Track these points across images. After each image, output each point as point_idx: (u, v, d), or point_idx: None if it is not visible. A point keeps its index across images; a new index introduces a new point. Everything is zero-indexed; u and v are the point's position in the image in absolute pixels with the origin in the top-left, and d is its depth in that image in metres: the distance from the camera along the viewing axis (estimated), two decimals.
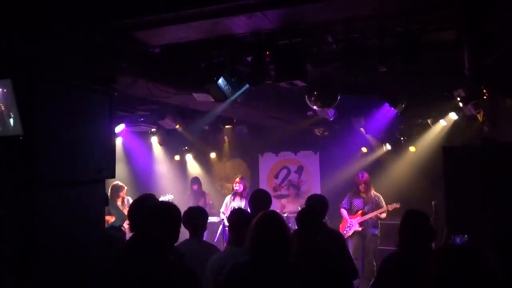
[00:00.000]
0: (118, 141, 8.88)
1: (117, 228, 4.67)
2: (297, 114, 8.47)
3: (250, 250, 2.96)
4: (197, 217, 4.37)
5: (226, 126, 9.64)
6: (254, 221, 3.02)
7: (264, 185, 10.70)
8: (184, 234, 4.79)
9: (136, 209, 3.89)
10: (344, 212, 8.15)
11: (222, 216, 8.19)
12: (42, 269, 3.55)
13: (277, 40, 4.64)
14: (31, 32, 3.71)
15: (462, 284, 2.18)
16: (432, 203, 7.41)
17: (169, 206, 3.18)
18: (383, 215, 7.95)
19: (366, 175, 8.16)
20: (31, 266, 3.50)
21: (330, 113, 7.31)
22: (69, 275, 3.74)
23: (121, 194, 7.88)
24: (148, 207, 3.36)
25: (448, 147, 5.72)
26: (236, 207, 7.95)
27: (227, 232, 4.52)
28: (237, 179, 8.43)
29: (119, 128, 7.74)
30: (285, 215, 8.41)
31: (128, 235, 4.20)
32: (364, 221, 7.93)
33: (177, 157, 10.81)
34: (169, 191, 8.85)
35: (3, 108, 3.63)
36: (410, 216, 3.70)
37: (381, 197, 8.14)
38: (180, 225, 3.16)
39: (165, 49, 4.90)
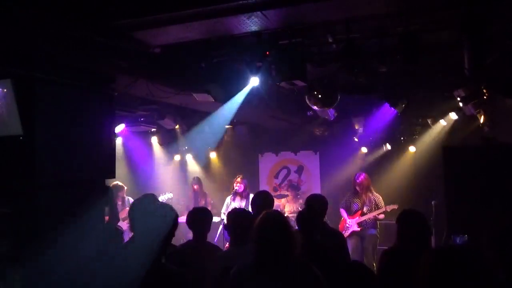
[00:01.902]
0: (118, 141, 8.88)
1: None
2: (297, 114, 8.47)
3: (255, 250, 2.96)
4: (201, 218, 4.36)
5: (226, 126, 9.63)
6: (257, 222, 3.01)
7: (264, 185, 10.70)
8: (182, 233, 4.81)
9: (136, 209, 3.88)
10: (343, 212, 8.15)
11: (223, 216, 8.17)
12: (42, 268, 3.55)
13: (277, 40, 4.64)
14: (31, 32, 3.71)
15: (455, 284, 2.19)
16: (432, 203, 7.41)
17: (166, 208, 3.19)
18: (381, 216, 7.93)
19: (362, 176, 8.11)
20: (31, 265, 3.50)
21: (330, 113, 7.31)
22: (68, 274, 3.74)
23: (121, 194, 7.88)
24: (145, 209, 3.37)
25: (448, 147, 5.72)
26: (237, 207, 7.95)
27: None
28: (238, 179, 8.43)
29: (119, 128, 7.74)
30: (285, 215, 8.40)
31: (128, 234, 4.20)
32: (363, 221, 7.92)
33: (177, 157, 10.80)
34: (169, 191, 8.84)
35: (3, 108, 3.63)
36: (405, 215, 3.71)
37: (380, 197, 8.13)
38: (175, 227, 3.17)
39: (165, 49, 4.90)
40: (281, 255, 2.88)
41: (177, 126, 8.51)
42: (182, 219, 4.39)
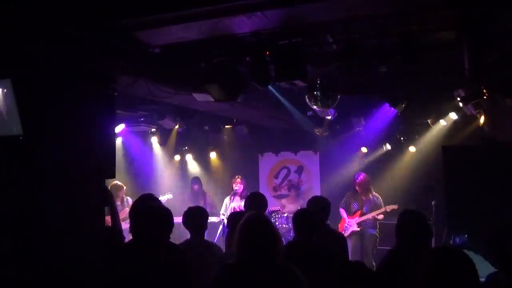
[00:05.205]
0: (118, 141, 8.88)
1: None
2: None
3: (237, 252, 2.97)
4: (197, 217, 4.39)
5: (226, 126, 9.64)
6: (240, 224, 3.01)
7: (264, 185, 10.70)
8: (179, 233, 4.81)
9: (136, 209, 3.90)
10: (343, 212, 8.14)
11: (222, 217, 8.17)
12: (42, 267, 3.55)
13: (277, 40, 4.64)
14: (31, 32, 3.71)
15: (452, 284, 2.19)
16: (432, 203, 7.41)
17: (162, 209, 3.25)
18: (381, 216, 7.93)
19: (362, 176, 8.11)
20: (31, 265, 3.51)
21: (330, 113, 7.31)
22: (67, 273, 3.74)
23: (121, 194, 7.88)
24: (144, 210, 3.40)
25: (448, 147, 5.74)
26: (236, 207, 7.95)
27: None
28: (237, 179, 8.43)
29: (119, 128, 7.74)
30: (285, 215, 8.42)
31: (128, 234, 4.21)
32: (363, 221, 7.91)
33: (177, 157, 10.81)
34: (169, 191, 8.84)
35: (3, 108, 3.63)
36: (405, 216, 3.70)
37: (380, 197, 8.12)
38: (171, 228, 3.21)
39: (165, 49, 4.90)
40: (262, 257, 2.88)
41: (177, 126, 8.51)
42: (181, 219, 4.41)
